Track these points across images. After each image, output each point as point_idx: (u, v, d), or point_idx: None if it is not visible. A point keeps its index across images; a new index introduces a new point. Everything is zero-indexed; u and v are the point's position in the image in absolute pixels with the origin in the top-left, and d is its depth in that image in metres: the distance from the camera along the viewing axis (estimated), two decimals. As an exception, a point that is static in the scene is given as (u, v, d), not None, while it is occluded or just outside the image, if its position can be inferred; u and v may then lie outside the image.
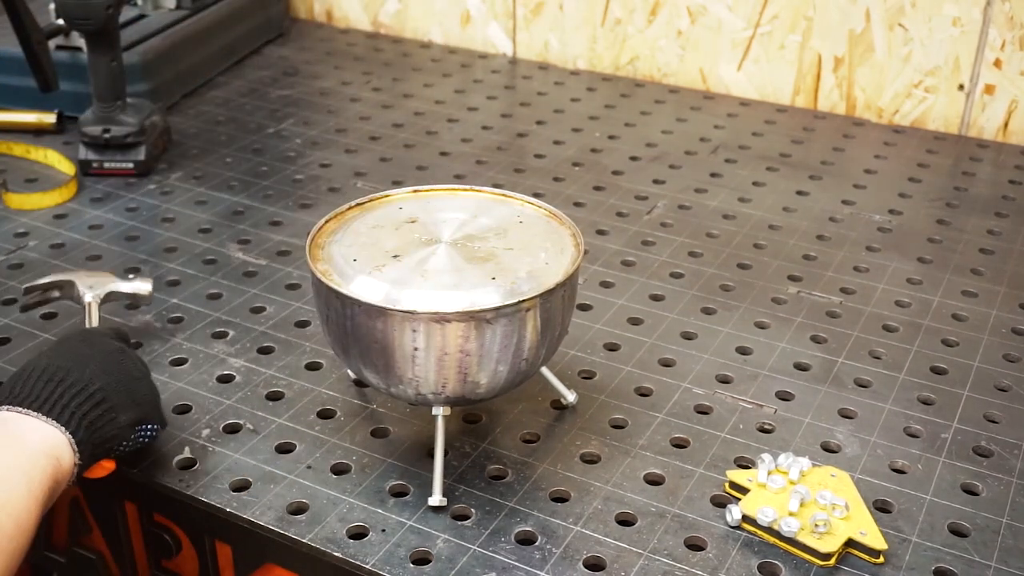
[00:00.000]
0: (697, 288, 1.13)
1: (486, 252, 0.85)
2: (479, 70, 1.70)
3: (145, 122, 1.33)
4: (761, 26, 1.56)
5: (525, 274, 0.82)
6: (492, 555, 0.79)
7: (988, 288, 1.14)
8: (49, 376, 0.80)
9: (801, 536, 0.79)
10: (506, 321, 0.79)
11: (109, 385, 0.82)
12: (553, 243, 0.86)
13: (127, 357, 0.86)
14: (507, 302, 0.79)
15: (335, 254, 0.85)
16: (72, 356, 0.82)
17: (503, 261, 0.83)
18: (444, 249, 0.85)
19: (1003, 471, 0.89)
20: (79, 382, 0.80)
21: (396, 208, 0.91)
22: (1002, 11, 1.41)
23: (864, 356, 1.03)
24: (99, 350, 0.84)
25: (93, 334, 0.88)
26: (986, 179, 1.38)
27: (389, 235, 0.87)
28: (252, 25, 1.74)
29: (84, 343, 0.85)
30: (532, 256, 0.84)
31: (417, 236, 0.87)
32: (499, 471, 0.88)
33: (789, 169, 1.39)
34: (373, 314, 0.79)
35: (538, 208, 0.91)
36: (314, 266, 0.83)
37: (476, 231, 0.87)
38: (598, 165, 1.40)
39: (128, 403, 0.83)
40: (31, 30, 1.23)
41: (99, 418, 0.80)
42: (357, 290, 0.80)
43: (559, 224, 0.89)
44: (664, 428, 0.93)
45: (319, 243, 0.86)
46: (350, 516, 0.83)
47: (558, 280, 0.81)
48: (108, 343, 0.86)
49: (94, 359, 0.83)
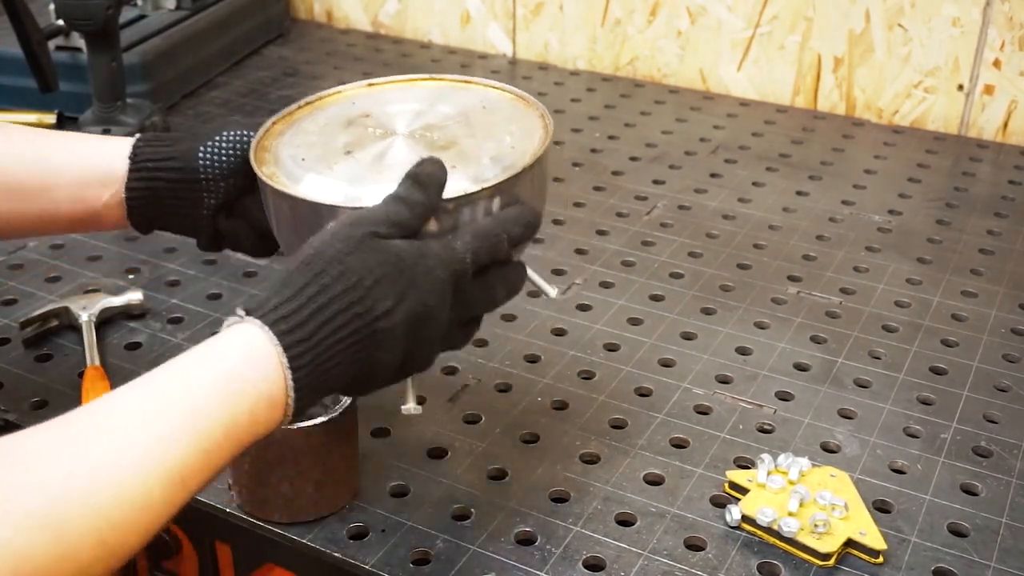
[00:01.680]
0: (697, 288, 1.13)
1: (446, 140, 0.79)
2: (479, 70, 1.70)
3: (145, 122, 1.33)
4: (761, 26, 1.56)
5: (489, 160, 0.76)
6: (492, 555, 0.79)
7: (988, 288, 1.14)
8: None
9: (801, 536, 0.79)
10: (470, 211, 0.72)
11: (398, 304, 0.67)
12: (520, 126, 0.80)
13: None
14: (468, 190, 0.72)
15: (283, 155, 0.79)
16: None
17: (465, 148, 0.77)
18: (401, 141, 0.79)
19: (1003, 471, 0.89)
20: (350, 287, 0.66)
21: (349, 104, 0.85)
22: (1001, 11, 1.41)
23: (864, 356, 1.03)
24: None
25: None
26: (986, 179, 1.38)
27: (341, 131, 0.81)
28: (252, 25, 1.74)
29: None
30: (496, 141, 0.78)
31: (371, 130, 0.81)
32: (499, 471, 0.88)
33: (789, 169, 1.39)
34: (324, 214, 0.72)
35: (503, 92, 0.85)
36: (259, 169, 0.77)
37: (436, 120, 0.81)
38: (598, 165, 1.40)
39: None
40: (31, 30, 1.23)
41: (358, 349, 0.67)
42: (305, 190, 0.74)
43: (526, 106, 0.83)
44: (664, 428, 0.93)
45: (265, 145, 0.80)
46: (350, 516, 0.83)
47: (525, 163, 0.75)
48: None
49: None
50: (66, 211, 0.83)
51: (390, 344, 0.68)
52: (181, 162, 0.83)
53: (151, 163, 0.83)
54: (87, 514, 0.56)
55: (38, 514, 0.54)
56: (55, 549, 0.54)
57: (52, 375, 0.98)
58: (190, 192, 0.83)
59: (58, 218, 0.84)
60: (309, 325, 0.65)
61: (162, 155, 0.83)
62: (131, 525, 0.58)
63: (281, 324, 0.64)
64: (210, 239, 0.86)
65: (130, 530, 0.58)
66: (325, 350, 0.65)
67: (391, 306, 0.67)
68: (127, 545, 0.58)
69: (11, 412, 0.93)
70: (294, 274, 0.66)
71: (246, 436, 0.63)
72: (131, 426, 0.59)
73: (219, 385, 0.62)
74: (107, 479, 0.57)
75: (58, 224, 0.85)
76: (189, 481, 0.60)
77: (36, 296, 1.09)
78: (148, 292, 1.08)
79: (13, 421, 0.92)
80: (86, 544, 0.56)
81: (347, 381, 0.68)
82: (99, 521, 0.56)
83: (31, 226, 0.85)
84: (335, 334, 0.65)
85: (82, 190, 0.83)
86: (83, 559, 0.56)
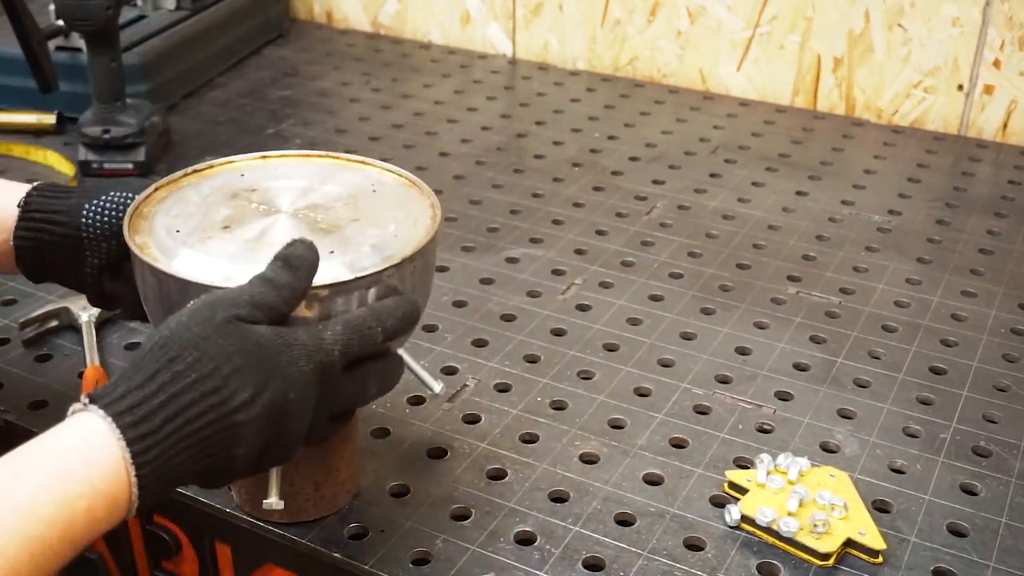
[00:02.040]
0: (696, 288, 1.13)
1: (329, 223, 0.76)
2: (479, 71, 1.70)
3: (145, 123, 1.33)
4: (760, 26, 1.56)
5: (369, 247, 0.73)
6: (491, 555, 0.79)
7: (987, 288, 1.14)
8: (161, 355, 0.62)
9: (800, 536, 0.79)
10: (343, 300, 0.69)
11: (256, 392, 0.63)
12: (407, 213, 0.78)
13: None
14: (342, 278, 0.70)
15: (158, 225, 0.75)
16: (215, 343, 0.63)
17: (347, 233, 0.75)
18: (284, 220, 0.76)
19: (1002, 471, 0.89)
20: (195, 369, 0.62)
21: (238, 175, 0.82)
22: (1001, 11, 1.41)
23: (863, 356, 1.03)
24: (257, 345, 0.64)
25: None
26: (985, 179, 1.38)
27: (223, 204, 0.78)
28: (252, 26, 1.74)
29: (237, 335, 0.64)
30: (380, 227, 0.76)
31: (255, 206, 0.78)
32: (498, 471, 0.88)
33: (788, 169, 1.40)
34: (189, 291, 0.68)
35: (397, 176, 0.83)
36: (130, 237, 0.73)
37: (322, 200, 0.79)
38: (598, 165, 1.40)
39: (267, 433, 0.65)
40: (31, 30, 1.23)
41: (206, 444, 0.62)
42: (174, 265, 0.71)
43: (418, 193, 0.80)
44: (663, 428, 0.93)
45: (144, 212, 0.77)
46: (350, 516, 0.83)
47: (405, 254, 0.72)
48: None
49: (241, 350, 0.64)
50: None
51: (247, 438, 0.63)
52: (67, 217, 0.80)
53: (39, 214, 0.81)
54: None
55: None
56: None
57: (52, 375, 0.98)
58: (74, 249, 0.81)
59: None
60: (158, 417, 0.60)
61: (50, 207, 0.81)
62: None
63: (127, 416, 0.59)
64: (98, 297, 0.83)
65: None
66: (174, 444, 0.60)
67: (248, 397, 0.62)
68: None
69: (11, 412, 0.93)
70: (146, 358, 0.62)
71: (83, 537, 0.58)
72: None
73: (54, 485, 0.57)
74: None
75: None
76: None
77: (36, 296, 1.09)
78: (148, 292, 1.08)
79: (13, 421, 0.92)
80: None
81: (199, 475, 0.63)
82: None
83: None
84: (187, 426, 0.61)
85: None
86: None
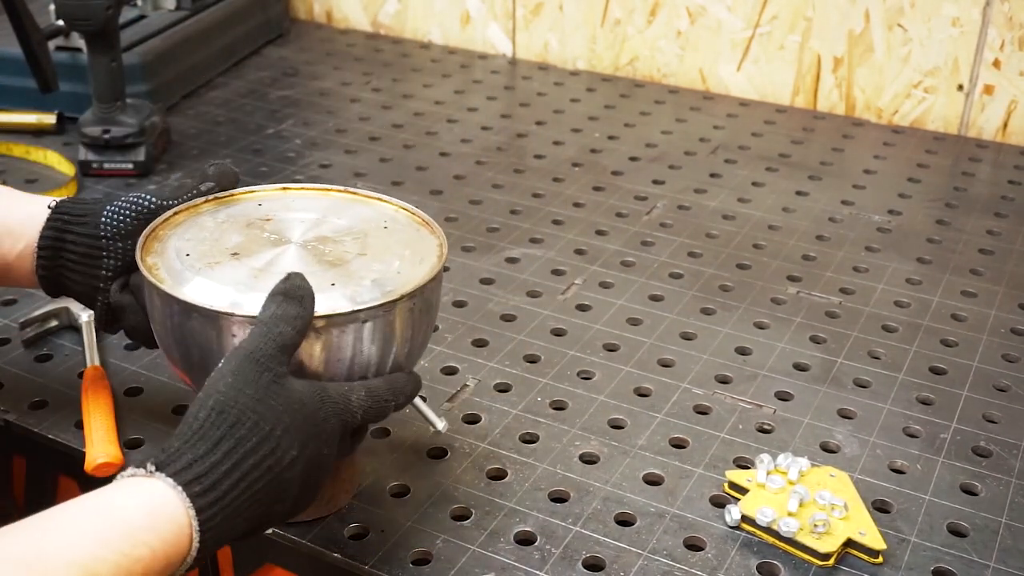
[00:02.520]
0: (696, 288, 1.13)
1: (336, 256, 0.77)
2: (479, 71, 1.70)
3: (145, 123, 1.33)
4: (760, 26, 1.56)
5: (370, 282, 0.74)
6: (491, 555, 0.79)
7: (987, 288, 1.14)
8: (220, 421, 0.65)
9: (800, 536, 0.79)
10: (338, 332, 0.71)
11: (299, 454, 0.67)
12: (414, 251, 0.78)
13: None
14: (339, 310, 0.71)
15: (169, 248, 0.77)
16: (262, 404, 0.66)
17: (352, 267, 0.76)
18: (292, 251, 0.78)
19: (1002, 471, 0.89)
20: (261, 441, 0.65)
21: (255, 204, 0.84)
22: (1001, 11, 1.41)
23: (863, 356, 1.03)
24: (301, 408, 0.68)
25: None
26: (985, 179, 1.38)
27: (235, 232, 0.80)
28: (252, 26, 1.74)
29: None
30: (384, 263, 0.76)
31: (267, 235, 0.79)
32: (499, 471, 0.88)
33: (789, 169, 1.40)
34: (191, 314, 0.71)
35: (411, 214, 0.83)
36: (141, 258, 0.76)
37: (332, 233, 0.80)
38: (598, 165, 1.40)
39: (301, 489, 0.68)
40: (31, 30, 1.23)
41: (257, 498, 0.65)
42: (180, 288, 0.73)
43: (429, 232, 0.81)
44: (663, 428, 0.93)
45: (159, 235, 0.79)
46: (350, 516, 0.83)
47: (404, 291, 0.73)
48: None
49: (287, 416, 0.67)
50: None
51: (291, 491, 0.67)
52: (90, 218, 0.83)
53: (67, 216, 0.83)
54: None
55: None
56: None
57: (52, 375, 0.98)
58: (91, 249, 0.83)
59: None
60: (224, 484, 0.63)
61: (77, 211, 0.83)
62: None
63: (195, 485, 0.62)
64: (105, 311, 0.85)
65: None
66: (237, 507, 0.63)
67: (296, 455, 0.66)
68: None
69: (11, 412, 0.93)
70: (206, 425, 0.64)
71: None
72: (27, 569, 0.56)
73: (117, 546, 0.59)
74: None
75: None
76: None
77: (36, 296, 1.08)
78: (148, 292, 1.08)
79: (13, 421, 0.92)
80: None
81: (238, 536, 0.66)
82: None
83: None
84: (248, 488, 0.64)
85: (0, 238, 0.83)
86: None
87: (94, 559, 0.57)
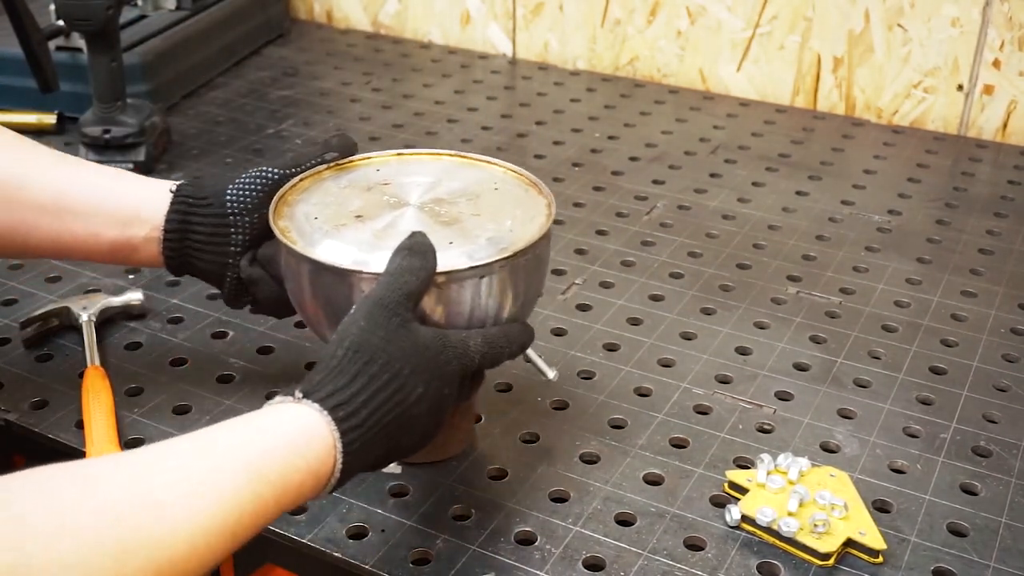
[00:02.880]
0: (696, 288, 1.13)
1: (451, 216, 0.82)
2: (479, 70, 1.70)
3: (145, 123, 1.33)
4: (760, 26, 1.56)
5: (485, 240, 0.79)
6: (492, 555, 0.79)
7: (987, 288, 1.14)
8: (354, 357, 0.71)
9: (800, 536, 0.79)
10: (457, 287, 0.76)
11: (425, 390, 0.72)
12: (524, 211, 0.83)
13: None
14: (458, 266, 0.76)
15: (299, 212, 0.83)
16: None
17: (467, 226, 0.81)
18: (410, 212, 0.83)
19: (1002, 471, 0.89)
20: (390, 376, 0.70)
21: (373, 170, 0.90)
22: (1001, 11, 1.41)
23: (863, 356, 1.03)
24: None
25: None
26: (985, 179, 1.38)
27: (357, 196, 0.85)
28: (252, 25, 1.74)
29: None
30: (497, 223, 0.81)
31: (386, 199, 0.85)
32: (499, 471, 0.88)
33: (789, 169, 1.40)
34: (322, 272, 0.77)
35: (518, 176, 0.88)
36: (274, 222, 0.82)
37: (446, 195, 0.85)
38: (598, 165, 1.40)
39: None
40: (31, 30, 1.23)
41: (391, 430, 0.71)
42: (311, 249, 0.79)
43: (536, 193, 0.86)
44: (663, 428, 0.93)
45: (288, 200, 0.85)
46: (350, 516, 0.83)
47: (517, 248, 0.78)
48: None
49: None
50: (109, 238, 0.88)
51: (417, 428, 0.72)
52: (213, 198, 0.88)
53: (190, 199, 0.88)
54: (149, 548, 0.57)
55: (100, 539, 0.55)
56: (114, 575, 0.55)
57: (52, 375, 0.98)
58: (219, 229, 0.88)
59: (100, 243, 0.88)
60: (362, 413, 0.69)
61: (199, 193, 0.88)
62: (183, 567, 0.59)
63: (339, 411, 0.68)
64: (234, 287, 0.90)
65: (182, 571, 0.59)
66: (371, 437, 0.69)
67: (422, 393, 0.71)
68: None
69: (11, 412, 0.93)
70: (344, 361, 0.70)
71: (289, 506, 0.66)
72: (197, 476, 0.61)
73: (280, 454, 0.65)
74: (170, 521, 0.58)
75: (99, 250, 0.89)
76: (237, 538, 0.62)
77: (36, 296, 1.09)
78: (148, 292, 1.08)
79: (13, 421, 0.92)
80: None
81: (372, 464, 0.72)
82: (160, 557, 0.57)
83: (74, 248, 0.89)
84: (380, 420, 0.69)
85: (127, 221, 0.88)
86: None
87: (261, 462, 0.64)
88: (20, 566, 0.53)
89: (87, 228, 0.87)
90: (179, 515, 0.59)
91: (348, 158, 0.90)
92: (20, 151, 0.90)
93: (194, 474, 0.61)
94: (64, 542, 0.54)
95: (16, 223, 0.87)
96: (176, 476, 0.61)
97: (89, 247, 0.88)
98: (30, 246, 0.88)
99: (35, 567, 0.53)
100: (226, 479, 0.62)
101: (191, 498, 0.60)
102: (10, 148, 0.89)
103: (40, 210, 0.87)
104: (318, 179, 0.88)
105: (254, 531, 0.64)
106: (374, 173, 0.89)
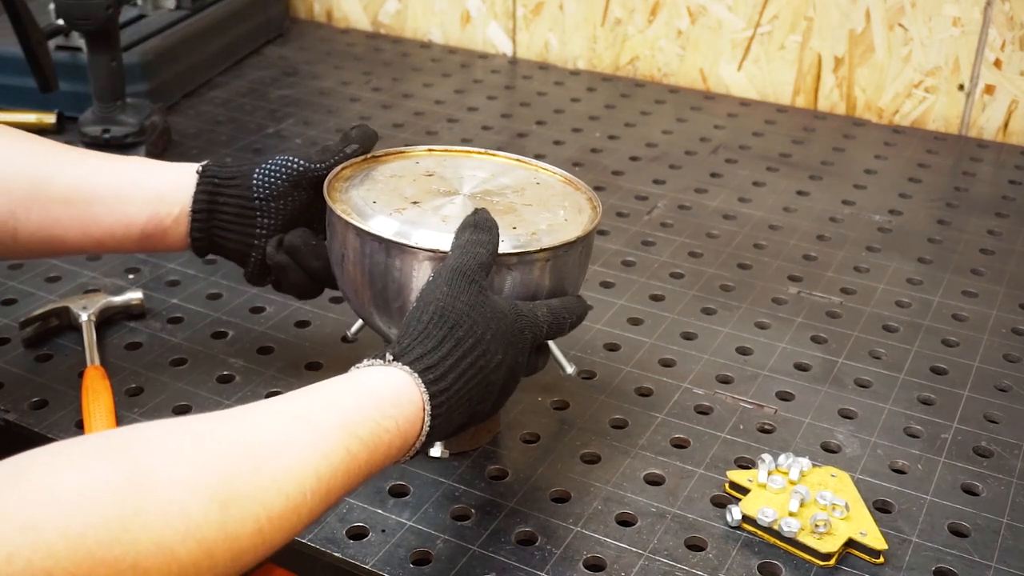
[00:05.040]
0: (697, 288, 1.13)
1: (506, 206, 0.86)
2: (479, 70, 1.70)
3: (145, 122, 1.33)
4: (761, 26, 1.56)
5: (546, 227, 0.83)
6: (492, 555, 0.79)
7: (988, 288, 1.14)
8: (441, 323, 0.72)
9: (801, 536, 0.79)
10: (525, 269, 0.80)
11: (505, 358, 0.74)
12: (571, 203, 0.88)
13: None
14: (528, 248, 0.79)
15: (354, 196, 0.85)
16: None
17: (523, 215, 0.85)
18: (463, 200, 0.86)
19: (1003, 471, 0.89)
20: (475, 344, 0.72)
21: (413, 163, 0.92)
22: (1002, 11, 1.41)
23: (864, 356, 1.03)
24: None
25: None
26: (986, 179, 1.38)
27: (408, 184, 0.88)
28: (252, 25, 1.74)
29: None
30: (551, 212, 0.86)
31: (436, 187, 0.87)
32: (499, 471, 0.88)
33: (789, 169, 1.39)
34: (393, 251, 0.79)
35: (554, 174, 0.93)
36: (332, 204, 0.83)
37: (495, 188, 0.89)
38: (598, 165, 1.40)
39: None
40: (31, 30, 1.23)
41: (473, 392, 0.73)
42: (377, 227, 0.81)
43: (575, 189, 0.91)
44: (664, 428, 0.93)
45: (336, 186, 0.87)
46: (350, 516, 0.83)
47: (578, 234, 0.82)
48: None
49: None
50: (140, 224, 0.88)
51: (492, 393, 0.74)
52: (240, 180, 0.89)
53: (216, 180, 0.89)
54: (250, 498, 0.58)
55: (205, 485, 0.57)
56: (220, 525, 0.57)
57: (52, 375, 0.98)
58: (245, 211, 0.89)
59: (131, 231, 0.89)
60: (449, 376, 0.70)
61: (225, 174, 0.90)
62: (284, 522, 0.60)
63: (428, 374, 0.69)
64: (258, 267, 0.91)
65: (282, 526, 0.60)
66: (457, 400, 0.71)
67: (500, 359, 0.73)
68: (275, 543, 0.60)
69: (11, 412, 0.93)
70: (431, 326, 0.71)
71: (379, 465, 0.67)
72: (294, 431, 0.63)
73: (372, 414, 0.66)
74: (269, 472, 0.60)
75: (130, 236, 0.89)
76: (331, 495, 0.63)
77: (36, 296, 1.09)
78: (148, 292, 1.08)
79: (13, 421, 0.92)
80: (247, 529, 0.58)
81: (452, 429, 0.73)
82: (260, 508, 0.59)
83: (104, 239, 0.89)
84: (465, 385, 0.71)
85: (156, 204, 0.89)
86: (241, 544, 0.58)
87: (354, 421, 0.65)
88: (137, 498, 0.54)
89: (118, 216, 0.88)
90: (275, 471, 0.60)
91: (384, 151, 0.92)
92: (42, 150, 0.90)
93: (292, 431, 0.62)
94: (175, 490, 0.55)
95: (47, 221, 0.88)
96: (274, 431, 0.62)
97: (119, 237, 0.89)
98: (64, 241, 0.89)
99: (151, 502, 0.54)
100: (321, 436, 0.63)
101: (287, 457, 0.61)
102: (32, 148, 0.90)
103: (68, 204, 0.87)
104: (359, 169, 0.90)
105: (346, 490, 0.65)
106: (415, 165, 0.91)
